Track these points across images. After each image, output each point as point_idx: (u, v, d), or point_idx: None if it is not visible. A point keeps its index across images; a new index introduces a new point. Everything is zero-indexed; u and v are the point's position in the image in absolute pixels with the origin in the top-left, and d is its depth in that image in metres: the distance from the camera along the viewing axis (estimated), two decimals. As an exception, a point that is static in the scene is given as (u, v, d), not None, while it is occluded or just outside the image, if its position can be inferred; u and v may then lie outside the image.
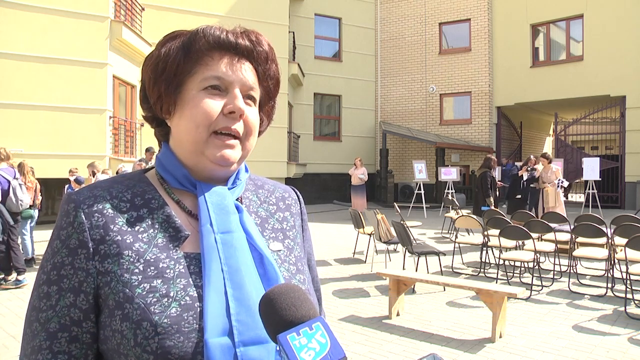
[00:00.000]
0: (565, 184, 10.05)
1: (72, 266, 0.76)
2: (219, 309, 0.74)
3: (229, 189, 0.86)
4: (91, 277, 0.76)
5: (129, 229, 0.79)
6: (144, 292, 0.74)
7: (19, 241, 6.91)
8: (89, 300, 0.76)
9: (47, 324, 0.75)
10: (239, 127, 0.83)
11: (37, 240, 7.64)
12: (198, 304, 0.74)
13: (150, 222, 0.80)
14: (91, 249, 0.76)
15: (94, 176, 7.88)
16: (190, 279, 0.76)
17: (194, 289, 0.76)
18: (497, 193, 9.42)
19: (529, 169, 10.71)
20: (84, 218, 0.78)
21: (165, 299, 0.73)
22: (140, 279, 0.75)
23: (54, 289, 0.76)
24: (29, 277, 6.32)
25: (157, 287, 0.74)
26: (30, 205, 7.20)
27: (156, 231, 0.80)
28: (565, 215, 7.62)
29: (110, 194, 0.81)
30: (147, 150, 10.12)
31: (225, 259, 0.78)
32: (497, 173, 11.94)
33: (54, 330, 0.75)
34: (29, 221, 7.29)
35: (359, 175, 13.26)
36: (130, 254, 0.76)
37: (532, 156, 11.54)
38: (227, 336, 0.73)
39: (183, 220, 0.83)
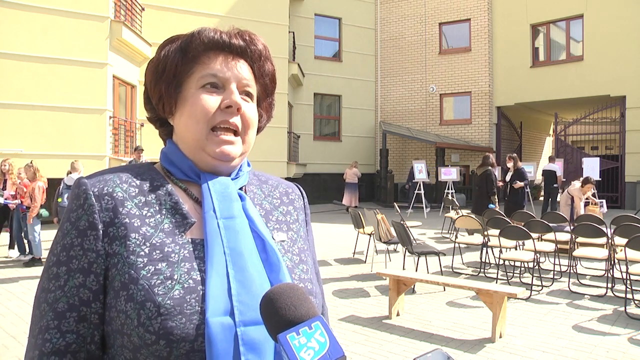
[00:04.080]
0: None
1: (81, 247, 0.78)
2: (221, 289, 0.75)
3: (232, 179, 0.89)
4: (101, 259, 0.78)
5: (137, 213, 0.80)
6: (149, 274, 0.75)
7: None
8: (99, 281, 0.77)
9: (55, 304, 0.76)
10: (236, 121, 0.85)
11: (43, 240, 7.64)
12: (201, 287, 0.76)
13: (157, 208, 0.82)
14: (101, 231, 0.78)
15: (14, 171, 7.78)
16: (194, 263, 0.78)
17: (198, 273, 0.77)
18: (499, 192, 9.43)
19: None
20: (94, 200, 0.79)
21: (169, 282, 0.75)
22: (145, 262, 0.76)
23: (63, 270, 0.77)
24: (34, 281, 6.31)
25: (162, 269, 0.76)
26: (42, 205, 7.25)
27: (163, 217, 0.82)
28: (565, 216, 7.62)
29: (120, 178, 0.83)
30: (136, 149, 10.11)
31: (227, 243, 0.79)
32: (496, 172, 11.91)
33: (62, 310, 0.76)
34: (40, 221, 7.32)
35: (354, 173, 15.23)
36: (136, 237, 0.78)
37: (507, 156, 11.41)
38: (228, 316, 0.74)
39: (190, 207, 0.85)
